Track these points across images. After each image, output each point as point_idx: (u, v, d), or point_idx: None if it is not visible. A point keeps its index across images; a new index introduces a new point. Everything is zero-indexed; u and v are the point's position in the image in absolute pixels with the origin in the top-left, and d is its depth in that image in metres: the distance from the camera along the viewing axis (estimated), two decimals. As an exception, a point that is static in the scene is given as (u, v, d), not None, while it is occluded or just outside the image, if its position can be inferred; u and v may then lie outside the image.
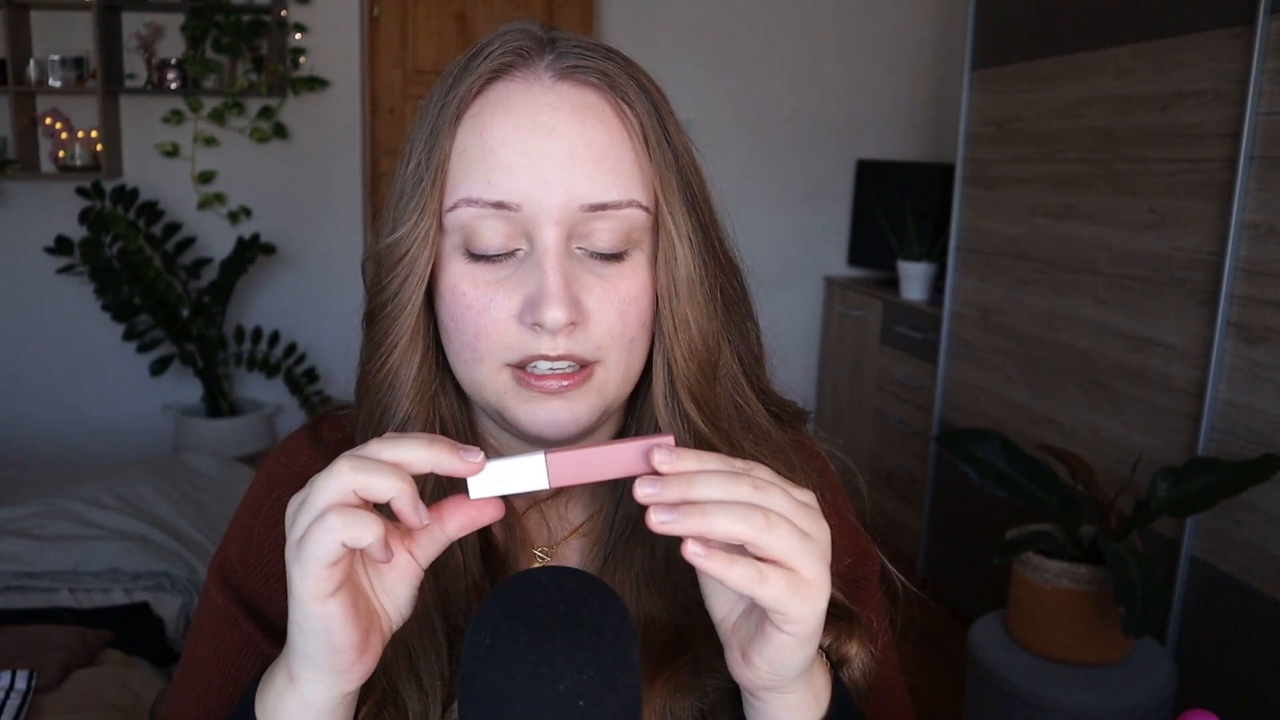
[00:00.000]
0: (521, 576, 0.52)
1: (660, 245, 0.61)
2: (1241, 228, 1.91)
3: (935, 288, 3.33)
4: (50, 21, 3.57)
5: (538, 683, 0.47)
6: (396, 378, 0.63)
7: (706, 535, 0.49)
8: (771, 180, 3.98)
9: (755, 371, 0.68)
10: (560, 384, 0.60)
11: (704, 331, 0.62)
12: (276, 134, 3.71)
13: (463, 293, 0.60)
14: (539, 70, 0.60)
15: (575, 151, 0.58)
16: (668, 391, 0.63)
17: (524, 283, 0.59)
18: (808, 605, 0.50)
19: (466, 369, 0.62)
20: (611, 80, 0.60)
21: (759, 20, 3.91)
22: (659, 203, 0.61)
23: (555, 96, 0.59)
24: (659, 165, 0.61)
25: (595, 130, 0.59)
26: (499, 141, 0.58)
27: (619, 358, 0.61)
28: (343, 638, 0.51)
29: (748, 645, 0.54)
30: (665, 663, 0.63)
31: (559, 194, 0.58)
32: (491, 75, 0.60)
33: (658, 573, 0.65)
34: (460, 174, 0.59)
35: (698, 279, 0.62)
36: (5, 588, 2.03)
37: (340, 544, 0.48)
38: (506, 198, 0.58)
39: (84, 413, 3.82)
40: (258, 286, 3.81)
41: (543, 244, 0.58)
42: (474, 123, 0.59)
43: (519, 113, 0.59)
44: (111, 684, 1.71)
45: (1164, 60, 2.13)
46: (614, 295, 0.60)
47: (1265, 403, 1.87)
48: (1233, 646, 1.96)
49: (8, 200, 3.66)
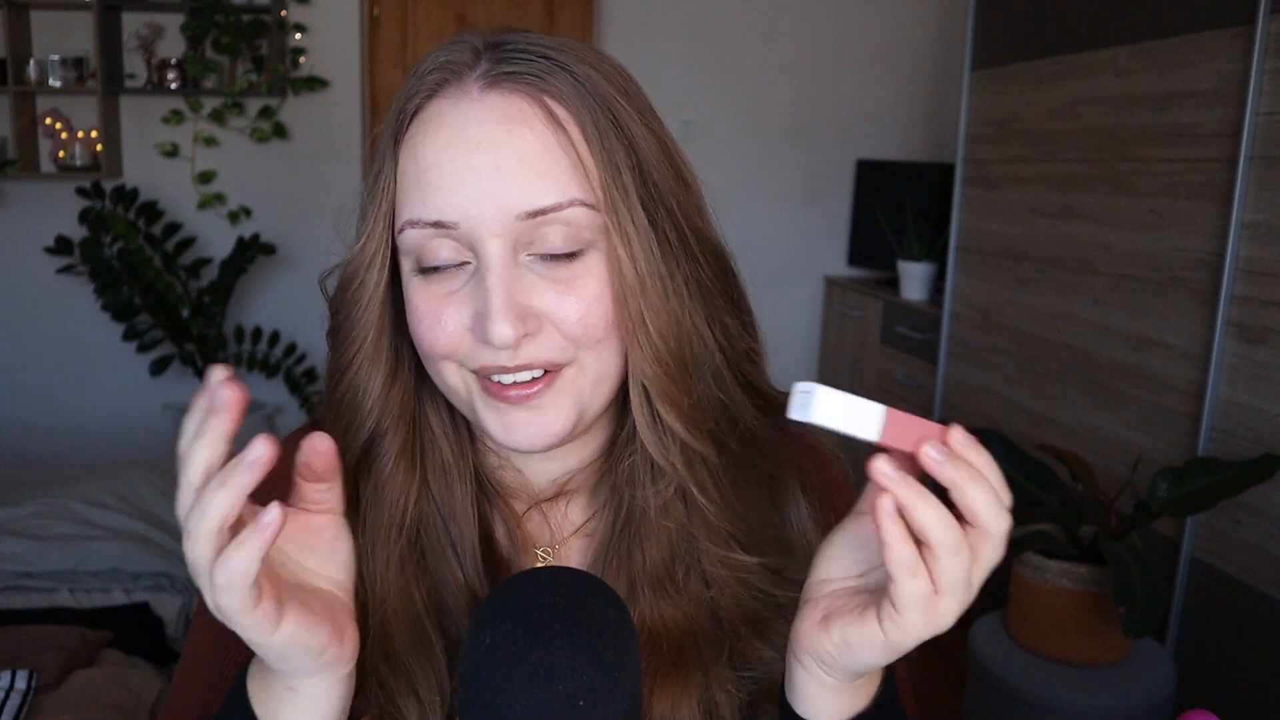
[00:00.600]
0: (521, 576, 0.52)
1: (612, 241, 0.59)
2: (1241, 228, 1.91)
3: (935, 288, 3.33)
4: (50, 21, 3.57)
5: (538, 683, 0.47)
6: (361, 392, 0.63)
7: (925, 511, 0.47)
8: (771, 180, 3.98)
9: (741, 366, 0.66)
10: (520, 393, 0.59)
11: (665, 332, 0.60)
12: (276, 134, 3.71)
13: (416, 306, 0.60)
14: (468, 84, 0.59)
15: (502, 162, 0.57)
16: (641, 397, 0.62)
17: (473, 297, 0.59)
18: (923, 626, 0.49)
19: (438, 379, 0.62)
20: (541, 81, 0.58)
21: (759, 20, 3.91)
22: (609, 197, 0.59)
23: (482, 108, 0.58)
24: (602, 160, 0.58)
25: (523, 137, 0.57)
26: (430, 162, 0.58)
27: (590, 357, 0.60)
28: (314, 640, 0.50)
29: (837, 616, 0.52)
30: (666, 666, 0.62)
31: (491, 207, 0.57)
32: (427, 94, 0.60)
33: (659, 574, 0.65)
34: (403, 197, 0.60)
35: (656, 274, 0.59)
36: (5, 588, 2.03)
37: (246, 575, 0.46)
38: (443, 217, 0.58)
39: (84, 413, 3.82)
40: (258, 286, 3.81)
41: (485, 259, 0.58)
42: (410, 145, 0.60)
43: (446, 130, 0.58)
44: (111, 684, 1.71)
45: (1164, 60, 2.13)
46: (571, 296, 0.59)
47: (1265, 403, 1.87)
48: (1233, 646, 1.96)
49: (8, 200, 3.66)
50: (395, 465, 0.63)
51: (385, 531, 0.63)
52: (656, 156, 0.61)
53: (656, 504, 0.64)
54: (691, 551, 0.65)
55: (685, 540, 0.65)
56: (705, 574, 0.65)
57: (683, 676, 0.62)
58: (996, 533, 0.48)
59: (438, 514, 0.65)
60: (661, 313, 0.60)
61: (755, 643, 0.63)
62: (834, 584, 0.54)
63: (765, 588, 0.65)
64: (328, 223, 0.68)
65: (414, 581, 0.63)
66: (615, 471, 0.67)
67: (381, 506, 0.63)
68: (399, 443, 0.63)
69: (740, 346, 0.65)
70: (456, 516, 0.65)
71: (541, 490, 0.69)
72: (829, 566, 0.55)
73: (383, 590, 0.62)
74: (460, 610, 0.63)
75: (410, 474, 0.63)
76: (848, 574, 0.54)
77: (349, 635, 0.53)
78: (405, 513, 0.63)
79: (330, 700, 0.54)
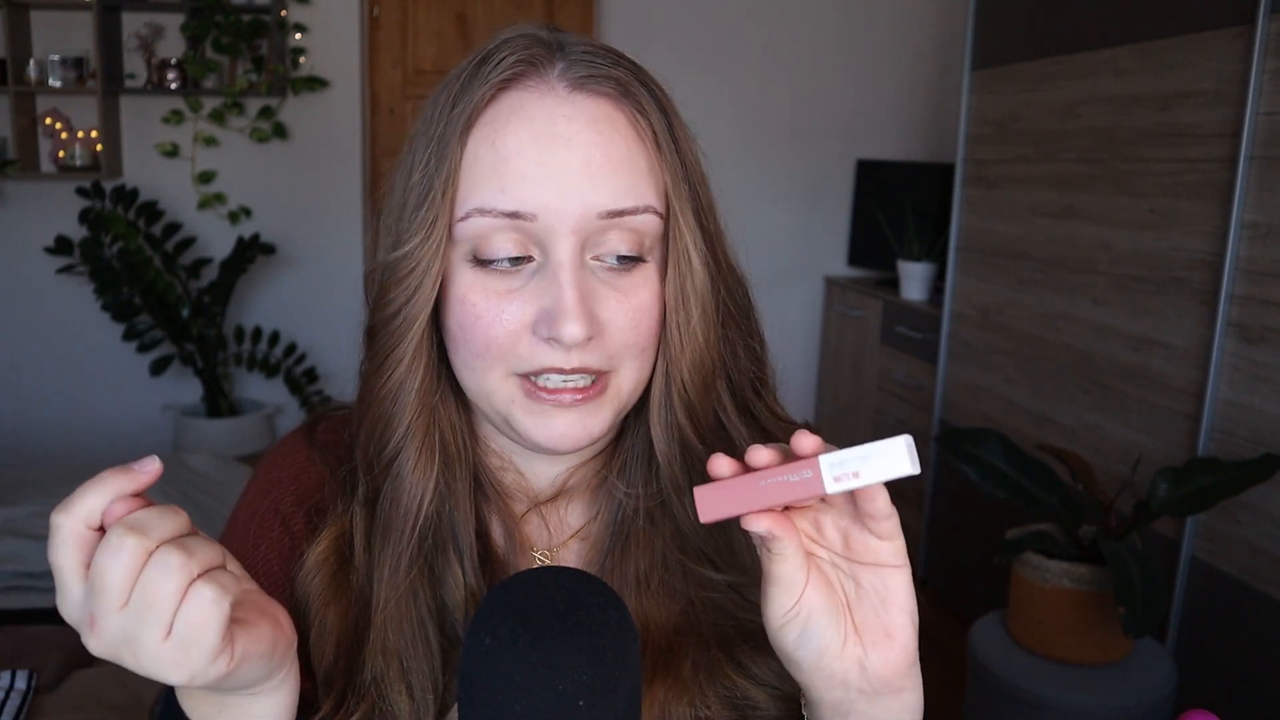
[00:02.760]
0: (521, 576, 0.52)
1: (672, 253, 0.61)
2: (1241, 228, 1.91)
3: (935, 288, 3.33)
4: (50, 21, 3.57)
5: (538, 683, 0.47)
6: (401, 391, 0.62)
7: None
8: (771, 180, 3.98)
9: (745, 391, 0.68)
10: (574, 398, 0.59)
11: (709, 343, 0.62)
12: (276, 134, 3.71)
13: (472, 303, 0.59)
14: (551, 80, 0.59)
15: (592, 161, 0.58)
16: (664, 401, 0.63)
17: (538, 294, 0.58)
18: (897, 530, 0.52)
19: (474, 378, 0.61)
20: (625, 89, 0.60)
21: (759, 20, 3.91)
22: (671, 209, 0.61)
23: (571, 107, 0.59)
24: (672, 172, 0.60)
25: (612, 140, 0.59)
26: (513, 151, 0.57)
27: (632, 367, 0.61)
28: (263, 646, 0.48)
29: (867, 620, 0.53)
30: (662, 667, 0.63)
31: (575, 203, 0.57)
32: (503, 84, 0.59)
33: (656, 576, 0.65)
34: (472, 184, 0.58)
35: (706, 289, 0.61)
36: (5, 588, 2.03)
37: (227, 612, 0.44)
38: (521, 207, 0.57)
39: (84, 413, 3.82)
40: (258, 286, 3.81)
41: (558, 256, 0.58)
42: (486, 132, 0.58)
43: (534, 122, 0.58)
44: (111, 684, 1.71)
45: (1164, 60, 2.13)
46: (627, 306, 0.60)
47: (1265, 403, 1.87)
48: (1233, 646, 1.96)
49: (8, 200, 3.66)
50: (417, 462, 0.63)
51: (400, 527, 0.63)
52: (699, 173, 0.63)
53: (646, 508, 0.66)
54: (675, 562, 0.66)
55: (672, 550, 0.66)
56: (686, 585, 0.66)
57: (676, 681, 0.62)
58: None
59: (444, 511, 0.65)
60: (712, 324, 0.62)
61: (727, 666, 0.64)
62: (847, 603, 0.55)
63: (735, 610, 0.65)
64: (328, 223, 0.67)
65: (420, 578, 0.63)
66: (614, 471, 0.68)
67: (400, 503, 0.63)
68: (420, 439, 0.63)
69: (749, 371, 0.67)
70: (457, 515, 0.65)
71: (541, 492, 0.69)
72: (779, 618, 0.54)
73: (391, 585, 0.62)
74: (457, 608, 0.63)
75: (429, 471, 0.63)
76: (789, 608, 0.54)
77: (282, 618, 0.51)
78: (422, 509, 0.63)
79: (292, 680, 0.53)
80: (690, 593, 0.65)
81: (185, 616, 0.43)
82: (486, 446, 0.69)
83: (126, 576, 0.43)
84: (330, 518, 0.66)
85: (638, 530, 0.66)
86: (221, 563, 0.47)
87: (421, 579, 0.63)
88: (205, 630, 0.43)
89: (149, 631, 0.43)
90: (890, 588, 0.53)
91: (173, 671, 0.44)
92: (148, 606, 0.43)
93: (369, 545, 0.64)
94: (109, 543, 0.43)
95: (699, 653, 0.63)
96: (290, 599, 0.64)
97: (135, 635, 0.43)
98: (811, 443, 0.49)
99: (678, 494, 0.65)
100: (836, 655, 0.53)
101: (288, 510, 0.67)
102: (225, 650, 0.45)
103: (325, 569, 0.64)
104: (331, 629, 0.63)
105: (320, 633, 0.63)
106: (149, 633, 0.43)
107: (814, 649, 0.53)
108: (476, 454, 0.68)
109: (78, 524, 0.44)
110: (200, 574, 0.44)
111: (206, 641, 0.44)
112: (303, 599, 0.64)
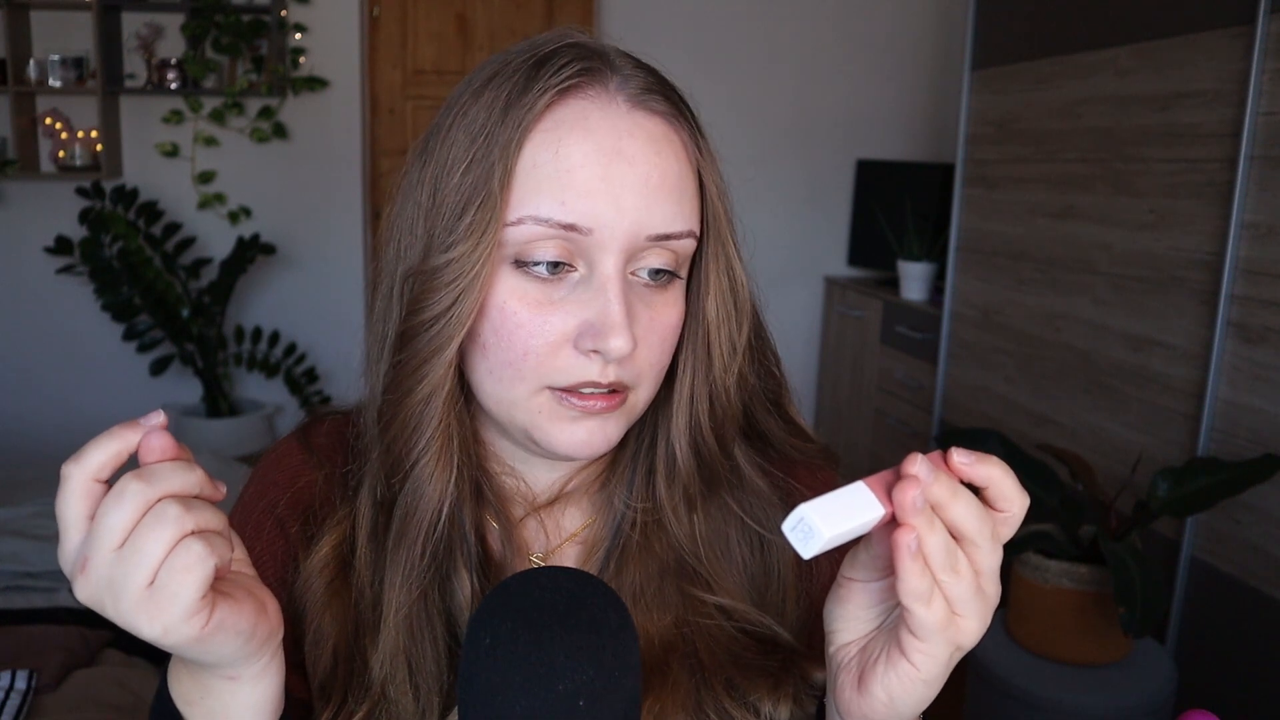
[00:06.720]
0: (521, 576, 0.52)
1: (712, 273, 0.62)
2: (1241, 228, 1.91)
3: (935, 288, 3.33)
4: (50, 21, 3.57)
5: (538, 683, 0.47)
6: (434, 396, 0.60)
7: (925, 524, 0.46)
8: (771, 180, 3.98)
9: (756, 410, 0.69)
10: (600, 404, 0.59)
11: (727, 366, 0.64)
12: (276, 134, 3.71)
13: (513, 311, 0.58)
14: (611, 91, 0.59)
15: (650, 180, 0.58)
16: (691, 421, 0.64)
17: (582, 307, 0.58)
18: (947, 646, 0.48)
19: (500, 386, 0.60)
20: (676, 109, 0.61)
21: (759, 20, 3.91)
22: (708, 230, 0.62)
23: (630, 124, 0.58)
24: (710, 196, 0.62)
25: (668, 161, 0.59)
26: (578, 163, 0.57)
27: (649, 386, 0.62)
28: (244, 624, 0.48)
29: (869, 672, 0.51)
30: (657, 676, 0.62)
31: (630, 222, 0.57)
32: (562, 90, 0.58)
33: (652, 584, 0.66)
34: (528, 190, 0.57)
35: (738, 310, 0.64)
36: (5, 588, 2.03)
37: (211, 570, 0.45)
38: (580, 221, 0.57)
39: (84, 413, 3.81)
40: (258, 286, 3.81)
41: (605, 270, 0.57)
42: (547, 138, 0.57)
43: (598, 134, 0.57)
44: (111, 684, 1.71)
45: (1164, 60, 2.12)
46: (658, 324, 0.60)
47: (1265, 403, 1.87)
48: (1233, 646, 1.96)
49: (8, 200, 3.66)
50: (437, 466, 0.62)
51: (416, 531, 0.62)
52: (727, 196, 0.64)
53: (643, 521, 0.66)
54: (670, 579, 0.66)
55: (669, 567, 0.66)
56: (680, 602, 0.66)
57: (671, 689, 0.62)
58: (1021, 511, 0.49)
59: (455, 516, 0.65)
60: (742, 346, 0.64)
61: (719, 687, 0.63)
62: (855, 644, 0.53)
63: (727, 634, 0.65)
64: (328, 223, 0.67)
65: (430, 579, 0.63)
66: (615, 479, 0.68)
67: (417, 506, 0.62)
68: (440, 444, 0.62)
69: (766, 392, 0.69)
70: (465, 519, 0.65)
71: (539, 496, 0.69)
72: (847, 630, 0.53)
73: (405, 589, 0.62)
74: (462, 609, 0.64)
75: (446, 473, 0.62)
76: (868, 630, 0.53)
77: (270, 605, 0.51)
78: (441, 514, 0.62)
79: (274, 674, 0.53)
80: (683, 611, 0.65)
81: (170, 567, 0.44)
82: (488, 451, 0.68)
83: (126, 521, 0.44)
84: (329, 522, 0.66)
85: (634, 543, 0.66)
86: (220, 529, 0.47)
87: (431, 582, 0.63)
88: (186, 583, 0.44)
89: (133, 576, 0.44)
90: (903, 676, 0.50)
91: (147, 622, 0.44)
92: (136, 550, 0.44)
93: (380, 547, 0.64)
94: (116, 489, 0.45)
95: (690, 670, 0.63)
96: (286, 601, 0.64)
97: (120, 580, 0.44)
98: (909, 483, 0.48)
99: (689, 506, 0.65)
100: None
101: (283, 513, 0.67)
102: (203, 611, 0.45)
103: (325, 574, 0.64)
104: (329, 634, 0.63)
105: (316, 638, 0.63)
106: (133, 577, 0.44)
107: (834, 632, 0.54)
108: (479, 458, 0.68)
109: (86, 476, 0.46)
110: (195, 531, 0.45)
111: (186, 595, 0.44)
112: (300, 603, 0.64)
